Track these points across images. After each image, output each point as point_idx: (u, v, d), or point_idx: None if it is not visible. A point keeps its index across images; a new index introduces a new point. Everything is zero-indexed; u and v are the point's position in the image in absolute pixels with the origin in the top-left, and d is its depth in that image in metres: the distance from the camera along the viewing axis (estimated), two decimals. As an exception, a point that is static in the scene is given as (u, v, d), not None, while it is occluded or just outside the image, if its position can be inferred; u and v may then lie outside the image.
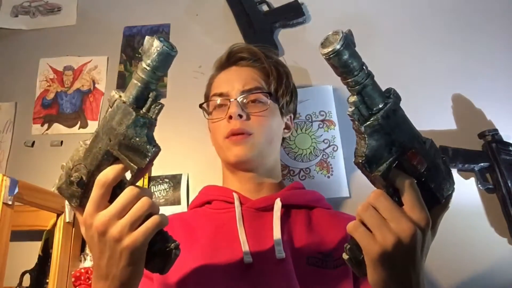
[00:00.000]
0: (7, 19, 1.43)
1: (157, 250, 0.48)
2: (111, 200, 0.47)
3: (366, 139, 0.45)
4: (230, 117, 0.80)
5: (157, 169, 1.15)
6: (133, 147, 0.45)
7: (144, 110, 0.46)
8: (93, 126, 1.23)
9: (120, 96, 0.46)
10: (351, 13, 1.26)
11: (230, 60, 0.92)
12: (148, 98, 0.46)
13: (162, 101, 0.47)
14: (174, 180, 1.13)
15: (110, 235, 0.45)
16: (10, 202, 0.82)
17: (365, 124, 0.45)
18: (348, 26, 0.46)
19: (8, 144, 1.25)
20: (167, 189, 1.12)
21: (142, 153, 0.45)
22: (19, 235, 1.02)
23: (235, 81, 0.86)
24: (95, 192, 0.46)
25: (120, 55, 1.31)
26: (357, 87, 0.44)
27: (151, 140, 0.46)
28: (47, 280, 1.01)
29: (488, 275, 0.97)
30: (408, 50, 1.20)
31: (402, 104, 0.47)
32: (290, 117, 0.94)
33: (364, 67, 0.44)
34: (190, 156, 1.16)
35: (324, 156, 1.09)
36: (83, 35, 1.36)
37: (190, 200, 1.08)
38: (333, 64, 0.43)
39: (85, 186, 0.48)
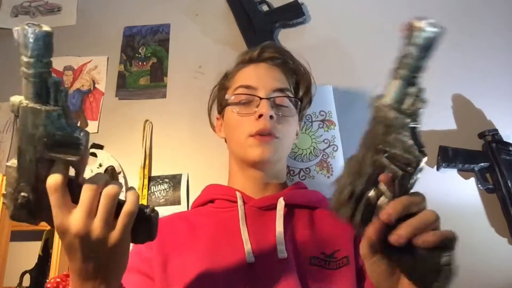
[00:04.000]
0: (7, 19, 1.43)
1: (136, 222, 0.47)
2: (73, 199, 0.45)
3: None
4: (260, 116, 0.78)
5: (157, 169, 1.15)
6: (61, 142, 0.43)
7: (51, 102, 0.42)
8: (93, 126, 1.23)
9: (21, 101, 0.43)
10: (351, 13, 1.25)
11: (261, 56, 0.88)
12: (49, 89, 0.42)
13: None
14: (174, 180, 1.13)
15: (93, 237, 0.45)
16: (10, 202, 0.82)
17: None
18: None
19: (8, 144, 1.25)
20: (167, 189, 1.12)
21: (73, 143, 0.43)
22: (19, 235, 1.02)
23: (268, 77, 0.83)
24: (54, 198, 0.44)
25: (120, 55, 1.31)
26: (412, 80, 0.44)
27: (74, 128, 0.43)
28: (47, 280, 1.01)
29: (488, 275, 0.97)
30: (408, 50, 1.20)
31: None
32: (300, 123, 0.93)
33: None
34: (190, 156, 1.16)
35: (324, 156, 1.09)
36: (83, 35, 1.36)
37: (190, 200, 1.08)
38: (419, 43, 0.42)
39: (35, 201, 0.45)
